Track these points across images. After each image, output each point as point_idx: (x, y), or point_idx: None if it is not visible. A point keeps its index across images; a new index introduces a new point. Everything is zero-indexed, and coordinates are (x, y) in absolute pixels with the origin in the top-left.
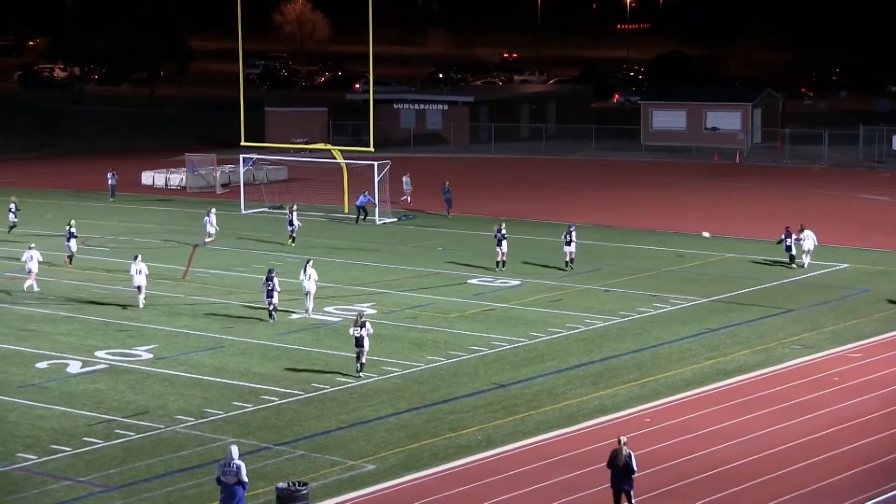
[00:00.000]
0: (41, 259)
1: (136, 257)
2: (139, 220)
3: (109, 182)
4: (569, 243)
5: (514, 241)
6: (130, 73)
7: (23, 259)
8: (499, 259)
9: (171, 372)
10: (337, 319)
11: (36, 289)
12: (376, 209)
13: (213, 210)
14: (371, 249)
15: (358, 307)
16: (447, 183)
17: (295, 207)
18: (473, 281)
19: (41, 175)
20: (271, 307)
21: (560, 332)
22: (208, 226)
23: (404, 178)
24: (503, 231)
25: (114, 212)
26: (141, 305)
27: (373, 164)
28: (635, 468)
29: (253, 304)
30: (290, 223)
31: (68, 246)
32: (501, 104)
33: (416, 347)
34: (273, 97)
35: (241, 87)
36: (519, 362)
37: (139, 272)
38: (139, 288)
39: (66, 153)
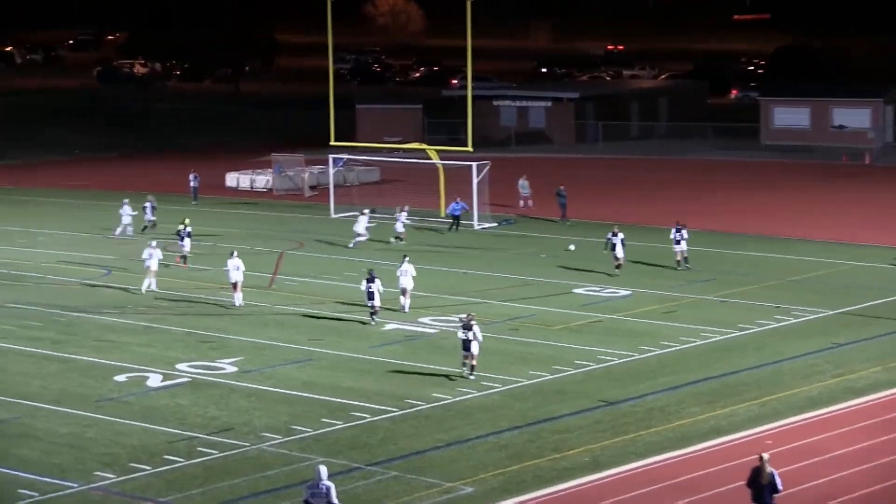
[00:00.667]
0: (161, 257)
1: (231, 253)
2: (222, 224)
3: (191, 184)
4: (678, 242)
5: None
6: (214, 69)
7: (143, 257)
8: (616, 264)
9: (256, 386)
10: (433, 331)
11: (153, 288)
12: (474, 213)
13: (402, 211)
14: (469, 256)
15: (458, 317)
16: (562, 187)
17: (405, 209)
18: (579, 290)
19: (119, 176)
20: (373, 309)
21: (673, 346)
22: (358, 227)
23: (521, 182)
24: (620, 235)
25: (196, 215)
26: (238, 303)
27: (471, 165)
28: (780, 487)
29: (344, 315)
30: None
31: (181, 246)
32: (609, 101)
33: (517, 361)
34: (364, 93)
35: (331, 83)
36: (628, 378)
37: (237, 268)
38: (235, 285)
39: (145, 153)
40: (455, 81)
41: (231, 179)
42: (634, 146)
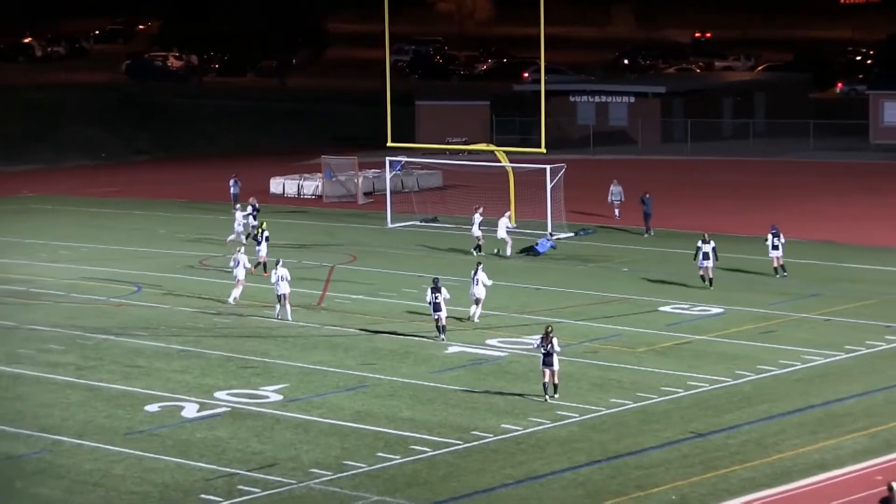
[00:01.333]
0: (248, 265)
1: (277, 262)
2: (267, 235)
3: (232, 190)
4: (776, 247)
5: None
6: (257, 62)
7: (230, 266)
8: (702, 274)
9: (304, 417)
10: (502, 354)
11: (234, 298)
12: (548, 222)
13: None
14: (542, 270)
15: (530, 339)
16: (647, 195)
17: (480, 209)
18: (666, 308)
19: (152, 183)
20: (440, 322)
21: (771, 371)
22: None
23: (613, 188)
24: (710, 244)
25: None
26: (289, 318)
27: (544, 168)
28: None
29: (402, 334)
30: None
31: (258, 251)
32: (699, 96)
33: (596, 388)
34: (425, 89)
35: (388, 77)
36: (721, 407)
37: (282, 279)
38: (282, 297)
39: (181, 156)
40: (527, 75)
41: (276, 185)
42: (727, 147)
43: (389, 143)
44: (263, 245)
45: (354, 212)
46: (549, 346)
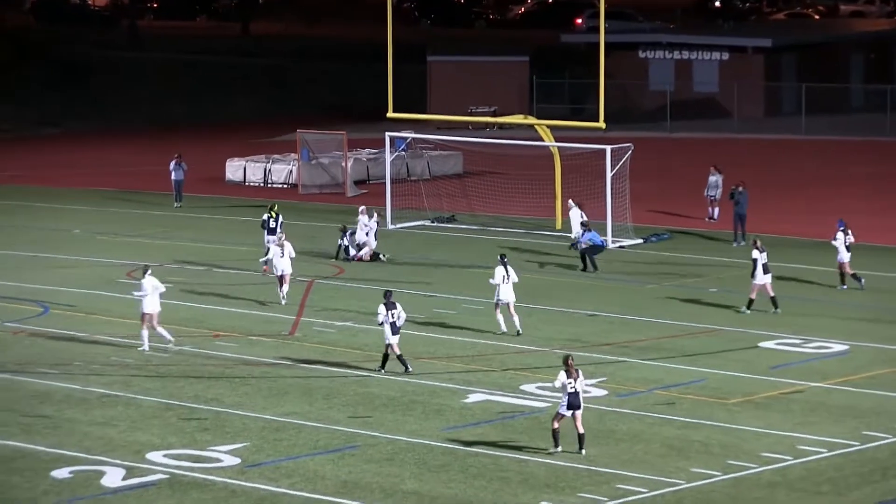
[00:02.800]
0: (294, 254)
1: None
2: (219, 238)
3: (173, 176)
4: (848, 248)
5: (835, 279)
6: (210, 2)
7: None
8: (752, 297)
9: (269, 488)
10: (542, 405)
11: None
12: (607, 224)
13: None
14: (600, 289)
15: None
16: (740, 187)
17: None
18: (769, 344)
19: (64, 166)
20: (394, 350)
21: None
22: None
23: (712, 178)
24: (765, 252)
25: (180, 224)
26: (283, 301)
27: (604, 150)
28: None
29: (405, 376)
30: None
31: (268, 242)
32: (818, 52)
33: (673, 453)
34: (441, 40)
35: (390, 23)
36: (844, 480)
37: (283, 256)
38: (282, 278)
39: (104, 129)
40: (580, 21)
41: (235, 169)
42: (856, 122)
43: (391, 114)
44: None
45: (341, 207)
46: (577, 383)
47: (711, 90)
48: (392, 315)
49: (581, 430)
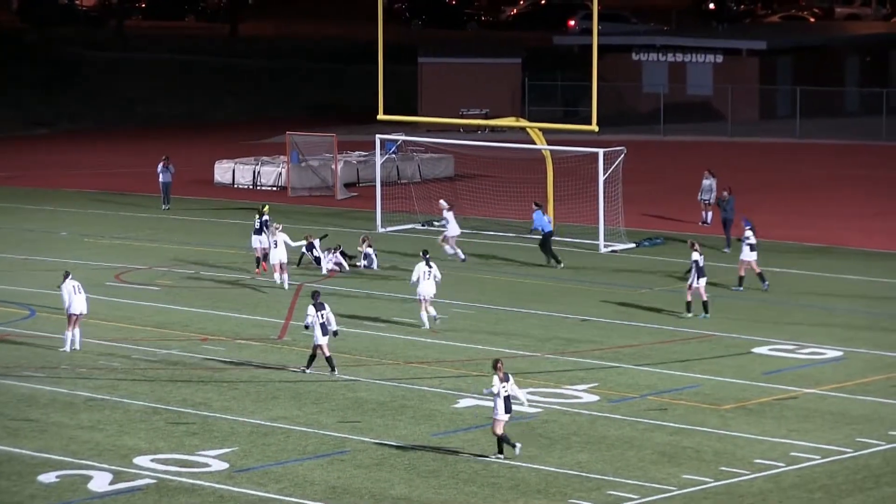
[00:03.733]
0: (291, 243)
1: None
2: (208, 240)
3: (161, 179)
4: (753, 248)
5: (831, 285)
6: (198, 1)
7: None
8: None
9: (257, 493)
10: (534, 411)
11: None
12: (600, 227)
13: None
14: (592, 294)
15: (571, 389)
16: (728, 193)
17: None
18: (763, 350)
19: (52, 166)
20: (324, 351)
21: None
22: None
23: (706, 182)
24: (698, 252)
25: (167, 227)
26: (286, 286)
27: (597, 153)
28: None
29: (395, 381)
30: None
31: (255, 242)
32: (813, 55)
33: (664, 459)
34: (432, 41)
35: (380, 24)
36: (839, 487)
37: (275, 244)
38: (282, 266)
39: (92, 130)
40: (573, 23)
41: (223, 171)
42: (851, 126)
43: (381, 116)
44: (262, 236)
45: (331, 210)
46: (509, 385)
47: (706, 93)
48: (322, 316)
49: (500, 433)
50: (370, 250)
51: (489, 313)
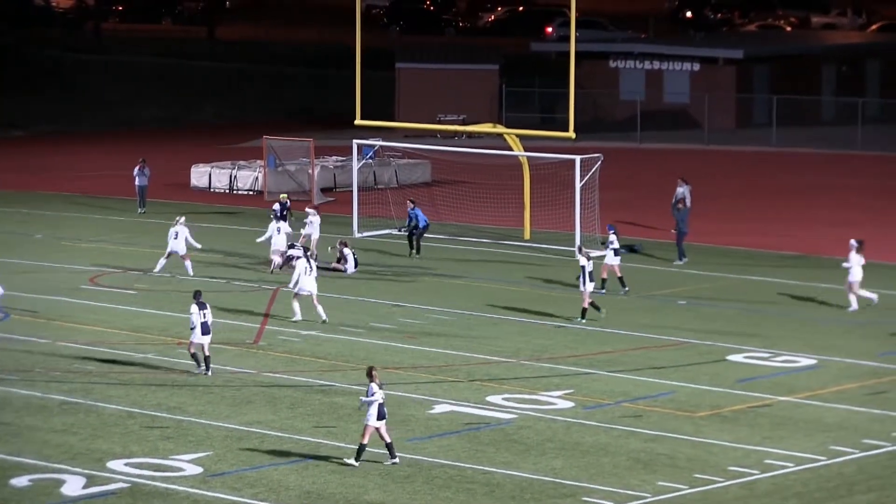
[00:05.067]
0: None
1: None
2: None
3: (137, 182)
4: (617, 253)
5: (806, 293)
6: (175, 5)
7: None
8: (587, 305)
9: (231, 498)
10: (509, 416)
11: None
12: (576, 233)
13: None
14: (568, 300)
15: (546, 395)
16: (681, 205)
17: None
18: (737, 357)
19: (27, 169)
20: (205, 350)
21: (883, 447)
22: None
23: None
24: (586, 258)
25: (143, 230)
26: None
27: (573, 160)
28: None
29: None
30: None
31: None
32: (789, 64)
33: (639, 466)
34: (410, 46)
35: (358, 29)
36: (812, 495)
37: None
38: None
39: (68, 133)
40: (551, 30)
41: (200, 175)
42: (827, 135)
43: (358, 122)
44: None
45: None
46: (377, 389)
47: (682, 101)
48: (203, 315)
49: (388, 440)
50: (348, 252)
51: (465, 319)
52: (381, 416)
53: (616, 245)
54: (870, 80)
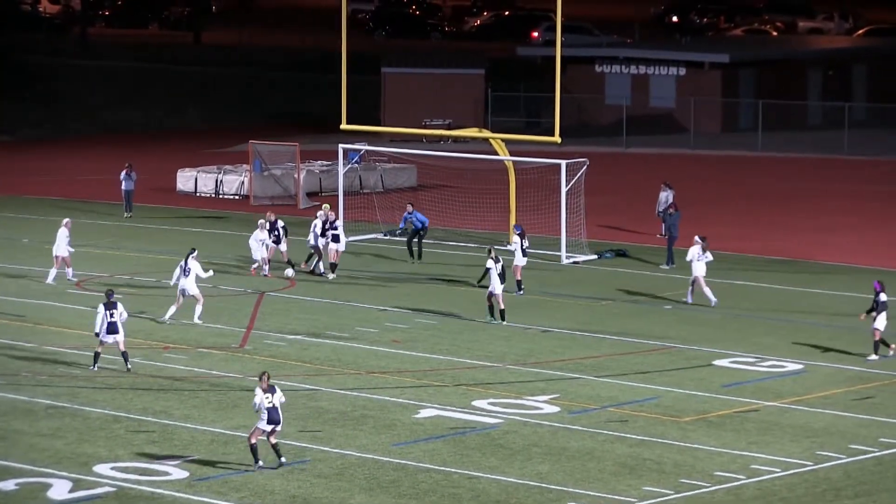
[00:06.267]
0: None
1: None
2: (169, 249)
3: (123, 186)
4: (525, 254)
5: (792, 298)
6: (162, 9)
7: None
8: (501, 308)
9: (217, 502)
10: (494, 421)
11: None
12: (562, 239)
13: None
14: (553, 305)
15: (532, 399)
16: (672, 209)
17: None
18: (724, 362)
19: (13, 173)
20: (120, 347)
21: (869, 452)
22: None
23: (663, 195)
24: (496, 257)
25: (129, 234)
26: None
27: (559, 164)
28: None
29: (356, 391)
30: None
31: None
32: (775, 68)
33: (625, 471)
34: (396, 51)
35: (344, 34)
36: (799, 500)
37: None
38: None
39: (54, 137)
40: (537, 34)
41: (186, 180)
42: (813, 139)
43: (344, 126)
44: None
45: (293, 218)
46: (274, 397)
47: (668, 105)
48: (111, 315)
49: (274, 441)
50: (339, 225)
51: (451, 323)
52: (270, 421)
53: (523, 246)
54: (856, 85)
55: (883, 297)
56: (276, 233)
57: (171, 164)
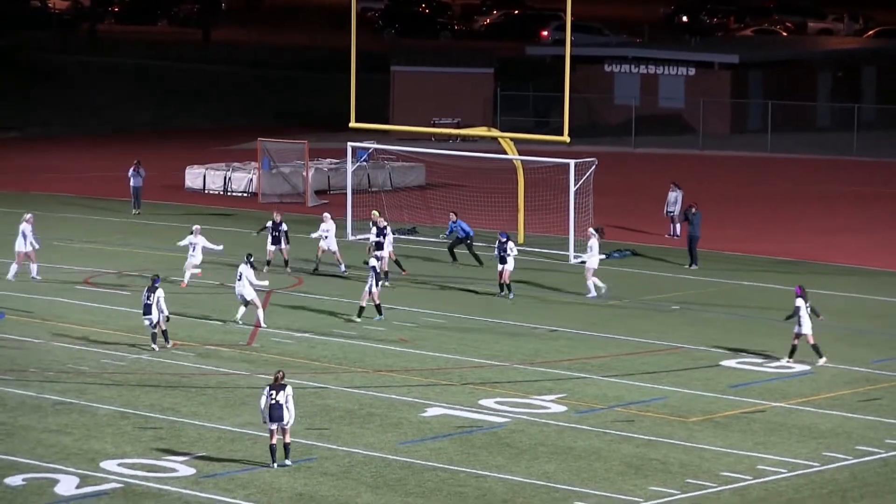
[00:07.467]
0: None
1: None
2: (177, 246)
3: (132, 183)
4: (504, 260)
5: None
6: (171, 6)
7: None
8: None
9: (223, 499)
10: (501, 420)
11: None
12: (570, 238)
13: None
14: (561, 305)
15: (539, 399)
16: (693, 208)
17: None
18: (731, 363)
19: (22, 170)
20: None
21: (876, 453)
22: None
23: (672, 195)
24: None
25: (138, 231)
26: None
27: (568, 164)
28: None
29: (364, 389)
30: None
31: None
32: (785, 69)
33: (631, 471)
34: (405, 50)
35: (353, 32)
36: (805, 501)
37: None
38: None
39: (62, 134)
40: (546, 34)
41: (194, 177)
42: (823, 140)
43: (353, 124)
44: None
45: (302, 216)
46: (281, 395)
47: (677, 105)
48: (149, 297)
49: (287, 441)
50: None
51: (458, 322)
52: (273, 419)
53: (513, 252)
54: (865, 86)
55: (798, 301)
56: (278, 233)
57: (179, 162)
